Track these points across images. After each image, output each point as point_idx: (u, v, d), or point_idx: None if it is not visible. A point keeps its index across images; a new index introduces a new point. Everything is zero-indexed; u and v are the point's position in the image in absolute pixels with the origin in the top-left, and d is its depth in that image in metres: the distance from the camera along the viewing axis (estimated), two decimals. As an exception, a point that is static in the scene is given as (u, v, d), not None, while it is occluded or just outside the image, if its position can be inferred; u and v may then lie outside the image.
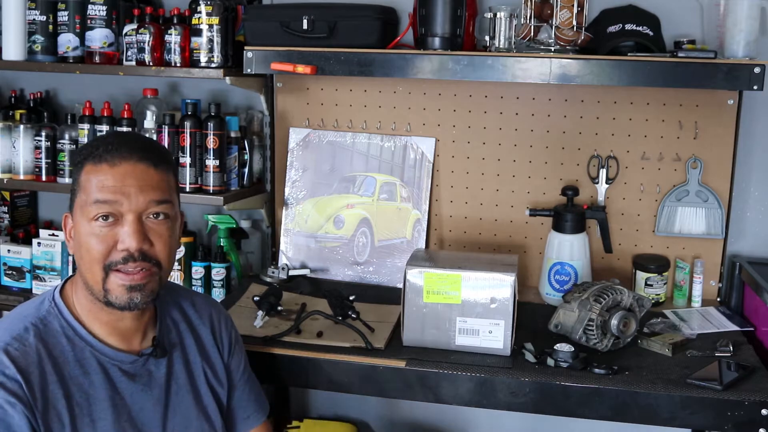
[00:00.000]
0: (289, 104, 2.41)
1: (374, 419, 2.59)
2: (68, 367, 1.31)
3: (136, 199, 1.32)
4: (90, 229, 1.31)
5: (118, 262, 1.31)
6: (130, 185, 1.32)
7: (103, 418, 1.32)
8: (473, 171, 2.34)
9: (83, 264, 1.34)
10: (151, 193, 1.33)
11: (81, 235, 1.33)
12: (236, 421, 1.59)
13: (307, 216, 2.39)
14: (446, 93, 2.32)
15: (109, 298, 1.33)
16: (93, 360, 1.34)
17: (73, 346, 1.33)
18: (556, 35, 2.02)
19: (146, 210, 1.33)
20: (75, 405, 1.29)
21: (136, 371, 1.39)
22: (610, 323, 1.82)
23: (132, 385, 1.38)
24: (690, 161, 2.21)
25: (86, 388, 1.32)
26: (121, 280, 1.32)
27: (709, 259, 2.24)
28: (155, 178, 1.34)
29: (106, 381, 1.34)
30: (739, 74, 1.88)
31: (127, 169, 1.32)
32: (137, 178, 1.32)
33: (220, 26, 2.19)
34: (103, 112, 2.29)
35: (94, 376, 1.33)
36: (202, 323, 1.55)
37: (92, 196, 1.31)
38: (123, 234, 1.31)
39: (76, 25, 2.31)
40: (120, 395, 1.36)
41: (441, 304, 1.81)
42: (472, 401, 1.74)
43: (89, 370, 1.33)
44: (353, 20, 2.11)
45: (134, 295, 1.33)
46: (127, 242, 1.31)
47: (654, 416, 1.67)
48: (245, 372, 1.62)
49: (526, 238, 2.34)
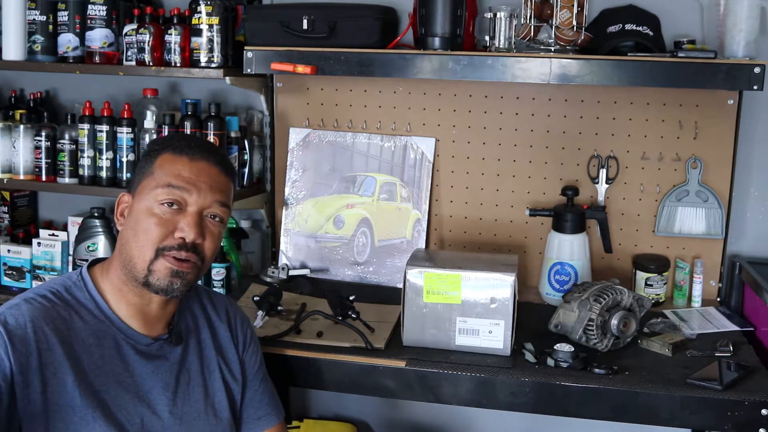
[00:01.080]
0: (289, 104, 2.41)
1: (374, 419, 2.59)
2: (82, 334, 1.34)
3: (205, 195, 1.40)
4: (153, 210, 1.37)
5: (171, 248, 1.37)
6: (203, 181, 1.40)
7: (105, 391, 1.33)
8: (473, 171, 2.34)
9: (134, 242, 1.38)
10: (218, 194, 1.42)
11: (141, 214, 1.38)
12: (248, 420, 1.59)
13: (307, 216, 2.39)
14: (446, 93, 2.32)
15: (150, 279, 1.37)
16: (109, 335, 1.37)
17: (93, 317, 1.37)
18: (556, 35, 2.02)
19: (209, 208, 1.41)
20: (81, 370, 1.31)
21: (150, 353, 1.41)
22: (610, 323, 1.82)
23: (144, 365, 1.40)
24: (690, 161, 2.21)
25: (96, 358, 1.34)
26: (169, 263, 1.37)
27: (709, 259, 2.24)
28: (224, 182, 1.44)
29: (118, 357, 1.37)
30: (739, 74, 1.88)
31: (204, 166, 1.41)
32: (210, 177, 1.41)
33: (220, 26, 2.19)
34: (103, 112, 2.29)
35: (106, 350, 1.36)
36: (219, 319, 1.57)
37: (165, 180, 1.38)
38: (183, 223, 1.38)
39: (76, 25, 2.31)
40: (129, 372, 1.38)
41: (441, 304, 1.81)
42: (472, 401, 1.74)
43: (104, 343, 1.36)
44: (353, 20, 2.11)
45: (175, 280, 1.38)
46: (186, 231, 1.37)
47: (654, 416, 1.67)
48: (260, 371, 1.63)
49: (526, 238, 2.34)
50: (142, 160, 1.45)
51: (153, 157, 1.43)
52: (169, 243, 1.37)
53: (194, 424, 1.45)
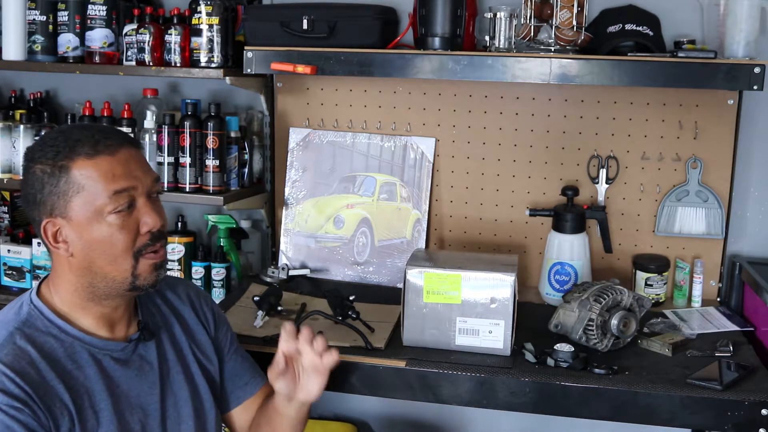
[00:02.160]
0: (289, 104, 2.41)
1: (374, 419, 2.59)
2: (61, 363, 1.31)
3: (143, 180, 1.35)
4: (110, 222, 1.31)
5: (146, 245, 1.35)
6: (136, 168, 1.34)
7: (104, 408, 1.33)
8: (473, 171, 2.34)
9: (103, 260, 1.33)
10: (150, 173, 1.38)
11: (95, 233, 1.31)
12: (235, 389, 1.60)
13: (307, 216, 2.39)
14: (446, 93, 2.31)
15: (137, 283, 1.36)
16: (84, 353, 1.34)
17: (61, 343, 1.33)
18: (556, 35, 2.02)
19: (151, 189, 1.37)
20: (77, 397, 1.30)
21: (128, 357, 1.40)
22: (610, 323, 1.82)
23: (126, 372, 1.38)
24: (690, 161, 2.21)
25: (82, 381, 1.32)
26: (152, 260, 1.36)
27: (709, 259, 2.24)
28: (143, 157, 1.39)
29: (99, 371, 1.35)
30: (739, 74, 1.88)
31: (126, 154, 1.34)
32: (137, 161, 1.36)
33: (220, 26, 2.18)
34: (103, 112, 2.29)
35: (87, 369, 1.33)
36: (183, 303, 1.56)
37: (105, 190, 1.30)
38: (144, 216, 1.34)
39: (76, 25, 2.31)
40: (116, 383, 1.36)
41: (441, 304, 1.81)
42: (472, 401, 1.74)
43: (82, 364, 1.33)
44: (353, 20, 2.11)
45: (160, 272, 1.39)
46: (151, 222, 1.34)
47: (654, 416, 1.67)
48: (234, 342, 1.64)
49: (526, 238, 2.34)
50: (45, 179, 1.30)
51: (63, 172, 1.29)
52: (142, 242, 1.34)
53: (184, 412, 1.46)
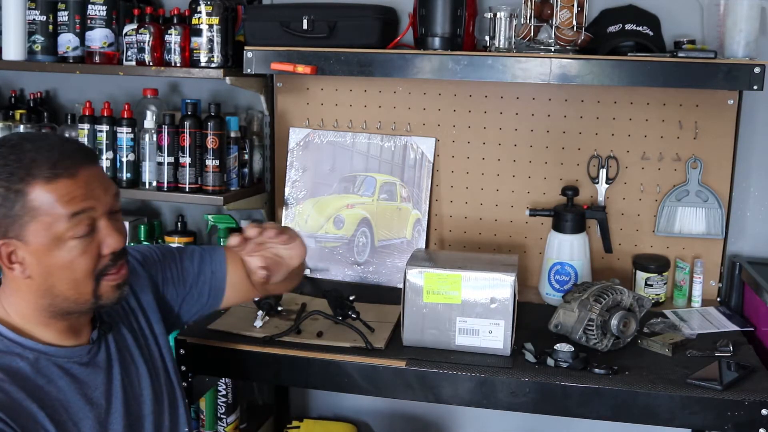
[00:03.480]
0: (289, 104, 2.41)
1: (374, 419, 2.59)
2: (31, 381, 1.26)
3: (105, 200, 1.28)
4: (68, 248, 1.25)
5: (108, 266, 1.30)
6: (96, 188, 1.27)
7: (83, 417, 1.30)
8: (473, 171, 2.34)
9: (63, 284, 1.27)
10: (110, 190, 1.31)
11: (53, 258, 1.25)
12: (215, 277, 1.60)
13: (307, 216, 2.39)
14: (446, 93, 2.31)
15: (100, 302, 1.31)
16: (50, 366, 1.30)
17: (26, 360, 1.27)
18: (556, 35, 2.02)
19: (113, 207, 1.31)
20: (54, 413, 1.26)
21: (91, 360, 1.36)
22: (610, 323, 1.82)
23: (97, 373, 1.35)
24: (690, 161, 2.21)
25: (56, 395, 1.28)
26: (113, 281, 1.31)
27: (709, 259, 2.24)
28: (104, 174, 1.32)
29: (71, 381, 1.31)
30: (739, 74, 1.88)
31: (87, 174, 1.26)
32: (98, 180, 1.28)
33: (220, 26, 2.18)
34: (103, 112, 2.29)
35: (58, 382, 1.29)
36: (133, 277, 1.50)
37: (63, 213, 1.23)
38: (106, 237, 1.28)
39: (76, 25, 2.31)
40: (91, 388, 1.33)
41: (441, 304, 1.81)
42: (472, 401, 1.74)
43: (52, 378, 1.29)
44: (353, 20, 2.11)
45: (123, 289, 1.35)
46: (113, 244, 1.29)
47: (654, 416, 1.67)
48: (181, 259, 1.61)
49: (526, 238, 2.34)
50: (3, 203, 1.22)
51: (19, 196, 1.21)
52: (103, 264, 1.29)
53: (163, 390, 1.46)
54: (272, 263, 1.52)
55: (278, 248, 1.52)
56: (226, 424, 2.35)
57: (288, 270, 1.55)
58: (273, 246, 1.51)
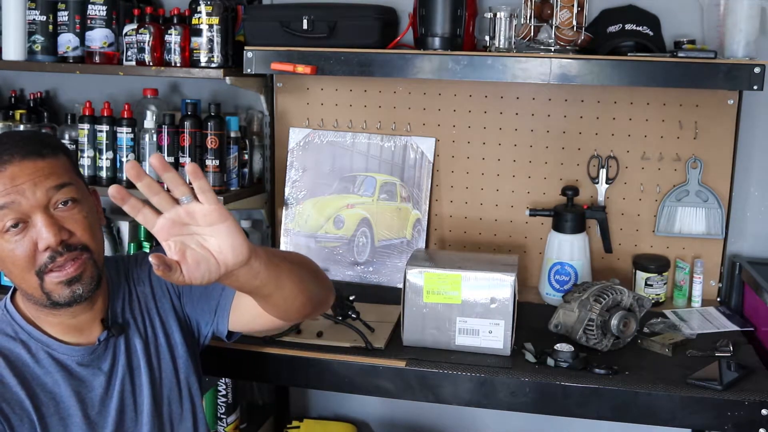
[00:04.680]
0: (289, 104, 2.41)
1: (374, 419, 2.59)
2: (28, 369, 1.29)
3: (33, 194, 1.25)
4: (5, 242, 1.26)
5: (47, 263, 1.26)
6: (22, 182, 1.25)
7: (73, 414, 1.31)
8: (473, 171, 2.34)
9: (14, 277, 1.30)
10: (45, 183, 1.26)
11: (1, 251, 1.27)
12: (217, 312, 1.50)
13: (307, 216, 2.39)
14: (446, 93, 2.32)
15: (54, 299, 1.29)
16: (51, 360, 1.32)
17: (28, 349, 1.31)
18: (556, 35, 2.02)
19: (50, 201, 1.27)
20: (41, 405, 1.28)
21: (94, 361, 1.36)
22: (610, 323, 1.82)
23: (95, 378, 1.35)
24: (690, 161, 2.21)
25: (50, 387, 1.30)
26: (57, 278, 1.27)
27: (709, 259, 2.24)
28: (45, 168, 1.27)
29: (67, 377, 1.32)
30: (739, 74, 1.88)
31: (15, 169, 1.25)
32: (27, 174, 1.25)
33: (220, 26, 2.18)
34: (103, 112, 2.29)
35: (55, 375, 1.31)
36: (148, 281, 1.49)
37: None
38: (37, 234, 1.26)
39: (76, 25, 2.31)
40: (87, 388, 1.34)
41: (441, 304, 1.81)
42: (472, 401, 1.74)
43: (50, 369, 1.31)
44: (353, 20, 2.11)
45: (75, 287, 1.29)
46: (45, 240, 1.25)
47: (654, 416, 1.67)
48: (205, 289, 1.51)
49: (526, 238, 2.34)
50: None
51: None
52: (41, 261, 1.26)
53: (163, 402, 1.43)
54: (190, 256, 1.11)
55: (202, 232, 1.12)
56: (226, 424, 2.35)
57: (226, 272, 1.13)
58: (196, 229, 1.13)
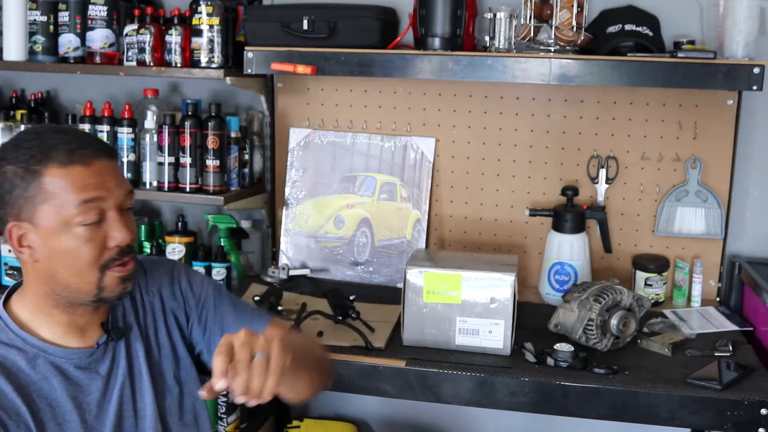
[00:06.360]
0: (289, 104, 2.41)
1: (374, 419, 2.59)
2: (24, 375, 1.28)
3: (116, 194, 1.30)
4: (75, 234, 1.27)
5: (113, 259, 1.30)
6: (109, 180, 1.29)
7: (70, 419, 1.30)
8: (473, 171, 2.34)
9: (67, 271, 1.29)
10: (124, 186, 1.33)
11: (60, 243, 1.27)
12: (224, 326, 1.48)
13: (308, 216, 2.39)
14: (446, 93, 2.32)
15: (103, 295, 1.31)
16: (48, 365, 1.31)
17: (24, 355, 1.30)
18: (556, 35, 2.02)
19: (124, 203, 1.32)
20: (38, 411, 1.27)
21: (92, 364, 1.36)
22: (609, 323, 1.82)
23: (93, 382, 1.35)
24: (689, 161, 2.22)
25: (47, 393, 1.29)
26: (118, 273, 1.31)
27: (709, 259, 2.24)
28: (119, 170, 1.35)
29: (64, 382, 1.31)
30: (739, 74, 1.89)
31: (101, 165, 1.29)
32: (112, 173, 1.31)
33: (220, 26, 2.19)
34: (103, 113, 2.29)
35: (52, 380, 1.30)
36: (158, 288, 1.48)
37: (74, 200, 1.26)
38: (113, 230, 1.29)
39: (77, 26, 2.31)
40: (85, 392, 1.33)
41: (441, 304, 1.81)
42: (472, 401, 1.75)
43: (47, 375, 1.30)
44: (353, 20, 2.12)
45: (127, 284, 1.33)
46: (120, 238, 1.29)
47: (654, 416, 1.67)
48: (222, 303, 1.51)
49: (526, 238, 2.34)
50: (15, 182, 1.26)
51: (34, 177, 1.25)
52: (109, 256, 1.30)
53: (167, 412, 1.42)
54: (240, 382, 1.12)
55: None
56: (226, 424, 2.35)
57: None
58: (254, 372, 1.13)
